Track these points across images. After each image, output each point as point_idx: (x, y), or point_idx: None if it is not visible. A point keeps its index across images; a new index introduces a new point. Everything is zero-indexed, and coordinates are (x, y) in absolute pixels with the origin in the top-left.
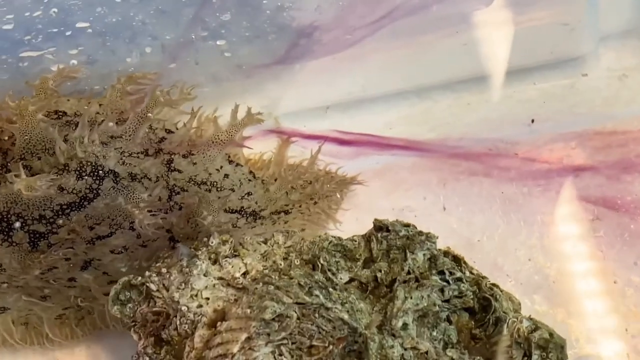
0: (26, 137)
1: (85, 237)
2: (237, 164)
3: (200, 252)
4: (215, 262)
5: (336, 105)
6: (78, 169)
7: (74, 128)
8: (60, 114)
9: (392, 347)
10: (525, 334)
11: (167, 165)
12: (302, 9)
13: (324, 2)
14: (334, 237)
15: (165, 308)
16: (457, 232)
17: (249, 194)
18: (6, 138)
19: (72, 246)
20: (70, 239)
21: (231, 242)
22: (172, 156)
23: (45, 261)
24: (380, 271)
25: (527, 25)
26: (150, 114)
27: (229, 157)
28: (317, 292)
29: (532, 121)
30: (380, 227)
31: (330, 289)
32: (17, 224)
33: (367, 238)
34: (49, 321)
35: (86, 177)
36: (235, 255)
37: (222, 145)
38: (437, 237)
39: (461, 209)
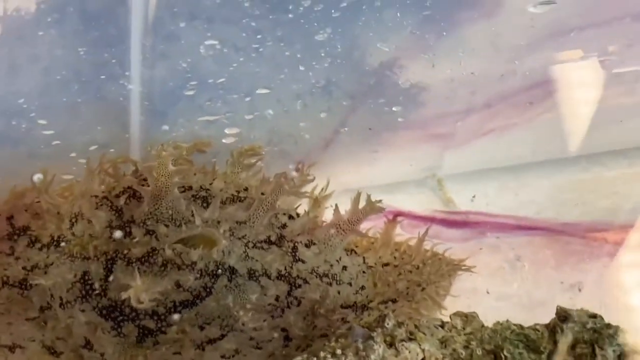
0: (158, 202)
1: (195, 340)
2: (354, 253)
3: (375, 334)
4: (391, 345)
5: (503, 169)
6: (204, 268)
7: (200, 203)
8: (187, 187)
9: None
10: None
11: (292, 255)
12: (488, 77)
13: (507, 72)
14: (516, 325)
15: None
16: None
17: (362, 287)
18: (117, 194)
19: (180, 351)
20: (179, 340)
21: (407, 324)
22: (296, 244)
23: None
24: None
25: None
26: (275, 204)
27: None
28: None
29: None
30: (565, 317)
31: None
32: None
33: (551, 328)
34: None
35: (206, 276)
36: (412, 339)
37: (344, 235)
38: (627, 332)
39: None
